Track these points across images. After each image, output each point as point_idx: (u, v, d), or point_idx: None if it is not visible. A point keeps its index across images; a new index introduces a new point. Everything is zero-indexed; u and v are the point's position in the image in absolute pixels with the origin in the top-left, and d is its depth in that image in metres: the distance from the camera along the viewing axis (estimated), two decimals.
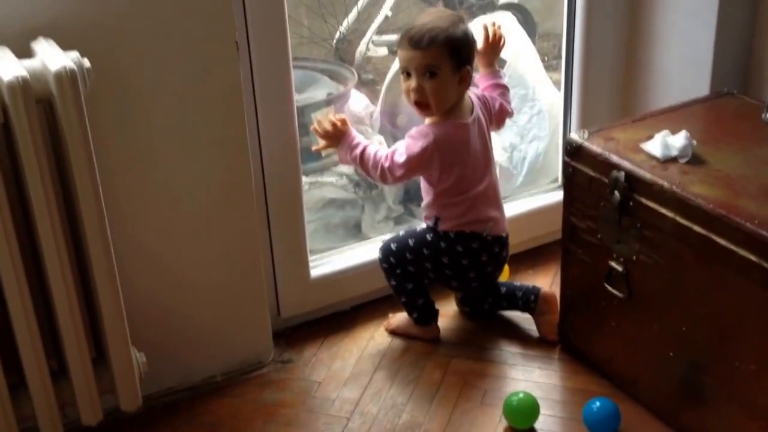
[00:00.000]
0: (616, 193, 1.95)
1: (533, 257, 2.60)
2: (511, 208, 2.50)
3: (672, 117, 2.14)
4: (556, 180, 2.73)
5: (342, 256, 2.42)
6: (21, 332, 1.68)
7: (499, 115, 2.30)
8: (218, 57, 1.89)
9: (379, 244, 2.31)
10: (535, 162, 2.73)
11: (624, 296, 2.02)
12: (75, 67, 1.57)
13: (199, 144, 1.95)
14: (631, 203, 1.94)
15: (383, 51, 3.03)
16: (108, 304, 1.74)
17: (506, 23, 2.71)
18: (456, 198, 2.20)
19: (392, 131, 2.69)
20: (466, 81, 2.14)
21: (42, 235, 1.63)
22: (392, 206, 2.66)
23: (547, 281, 2.52)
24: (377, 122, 2.71)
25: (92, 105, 1.64)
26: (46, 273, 1.67)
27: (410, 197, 2.68)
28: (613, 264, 2.03)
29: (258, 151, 2.11)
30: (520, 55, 2.72)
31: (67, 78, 1.56)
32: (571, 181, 2.10)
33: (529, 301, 2.31)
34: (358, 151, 2.16)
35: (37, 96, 1.58)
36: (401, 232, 2.29)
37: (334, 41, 3.08)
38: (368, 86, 2.94)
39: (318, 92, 2.63)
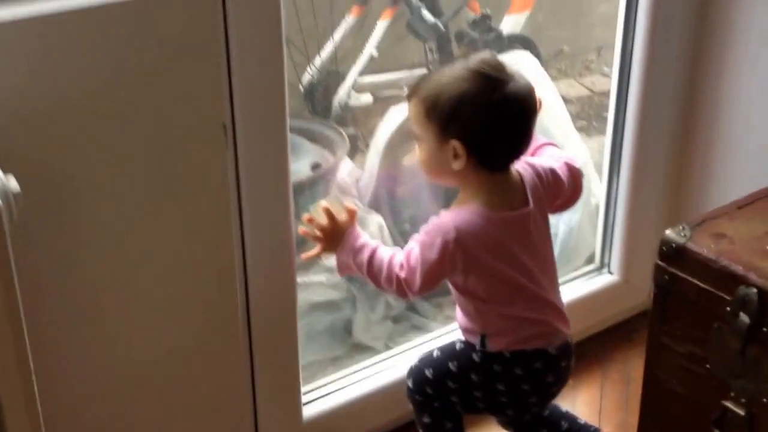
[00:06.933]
0: (743, 314, 1.51)
1: None
2: None
3: None
4: (591, 259, 2.25)
5: (340, 385, 1.89)
6: None
7: (557, 186, 1.69)
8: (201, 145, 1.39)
9: (403, 365, 1.76)
10: (568, 239, 2.21)
11: None
12: None
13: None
14: (764, 329, 1.49)
15: (367, 98, 2.42)
16: None
17: (526, 64, 2.21)
18: (503, 308, 1.66)
19: (391, 205, 2.13)
20: (463, 160, 1.56)
21: None
22: (392, 302, 2.11)
23: (593, 396, 2.03)
24: (367, 192, 2.15)
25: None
26: None
27: None
28: (729, 404, 1.60)
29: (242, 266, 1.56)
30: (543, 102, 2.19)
31: None
32: (666, 291, 1.65)
33: None
34: (365, 255, 1.61)
35: None
36: (435, 353, 1.73)
37: (303, 86, 2.45)
38: (351, 144, 2.34)
39: (299, 164, 2.03)
